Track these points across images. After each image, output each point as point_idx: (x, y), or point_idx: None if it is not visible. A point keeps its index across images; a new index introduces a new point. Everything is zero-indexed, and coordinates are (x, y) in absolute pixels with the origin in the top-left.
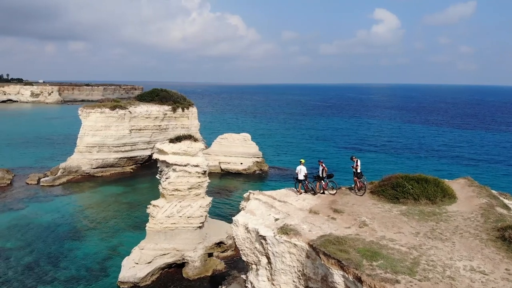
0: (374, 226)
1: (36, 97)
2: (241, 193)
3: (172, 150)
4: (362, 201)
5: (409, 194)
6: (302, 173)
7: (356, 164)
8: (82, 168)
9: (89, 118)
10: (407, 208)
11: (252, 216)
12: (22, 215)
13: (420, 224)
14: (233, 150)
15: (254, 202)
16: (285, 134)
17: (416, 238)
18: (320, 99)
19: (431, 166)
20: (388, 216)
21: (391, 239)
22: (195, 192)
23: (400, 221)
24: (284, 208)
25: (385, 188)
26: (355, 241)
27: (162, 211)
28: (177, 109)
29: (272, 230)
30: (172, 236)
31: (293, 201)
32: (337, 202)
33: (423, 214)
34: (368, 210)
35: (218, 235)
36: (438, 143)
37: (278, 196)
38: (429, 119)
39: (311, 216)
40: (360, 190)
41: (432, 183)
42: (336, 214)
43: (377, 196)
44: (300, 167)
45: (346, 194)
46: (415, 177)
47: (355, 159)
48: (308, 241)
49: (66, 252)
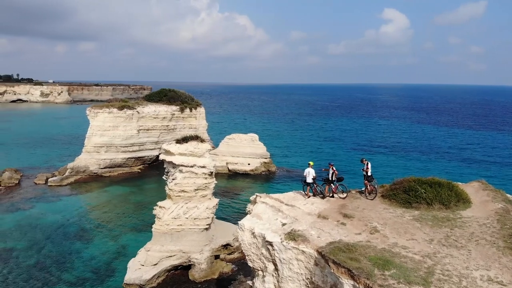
0: (386, 232)
1: (45, 97)
2: (249, 194)
3: (178, 151)
4: (373, 205)
5: (422, 198)
6: (311, 176)
7: (367, 166)
8: (90, 168)
9: (97, 118)
10: (420, 213)
11: (258, 221)
12: (29, 215)
13: (434, 231)
14: (240, 151)
15: (261, 205)
16: (293, 134)
17: (430, 245)
18: (329, 99)
19: (441, 168)
20: (400, 221)
21: (404, 246)
22: (201, 194)
23: (412, 227)
24: (291, 213)
25: (396, 192)
26: (366, 249)
27: (168, 213)
28: (185, 109)
29: (279, 235)
30: (179, 238)
31: (301, 205)
32: (347, 207)
33: (437, 219)
34: (379, 215)
35: (225, 237)
36: (448, 144)
37: (286, 200)
38: (438, 119)
39: (319, 221)
40: (370, 194)
41: (446, 187)
42: (346, 219)
43: (388, 201)
44: (308, 169)
45: (356, 198)
46: (428, 181)
47: (365, 161)
48: (317, 248)
49: (73, 252)
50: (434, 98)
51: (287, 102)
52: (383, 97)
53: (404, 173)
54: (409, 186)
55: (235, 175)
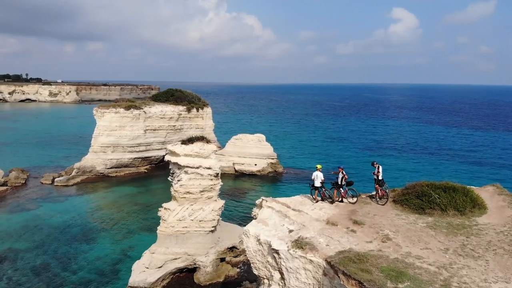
0: (399, 241)
1: (54, 97)
2: (255, 195)
3: (184, 152)
4: (384, 211)
5: (436, 204)
6: (319, 180)
7: (378, 170)
8: (96, 168)
9: (104, 118)
10: (433, 219)
11: (264, 227)
12: (35, 216)
13: (449, 239)
14: (247, 151)
15: (267, 210)
16: (300, 135)
17: (446, 255)
18: (336, 99)
19: (451, 170)
20: (413, 229)
21: (418, 256)
22: (207, 195)
23: (426, 235)
24: (299, 218)
25: (409, 197)
26: (378, 259)
27: (173, 214)
28: (191, 109)
29: (286, 243)
30: (184, 240)
31: (309, 210)
32: (357, 212)
33: (452, 227)
34: (391, 221)
35: (231, 240)
36: (458, 145)
37: (293, 204)
38: (447, 120)
39: (328, 228)
40: (381, 199)
41: (461, 192)
42: (356, 226)
43: (400, 206)
44: (316, 173)
45: (366, 203)
46: (441, 185)
47: (376, 165)
48: (326, 257)
49: (78, 254)
50: (443, 98)
51: (295, 102)
52: (392, 97)
53: (414, 175)
54: (422, 191)
55: (241, 176)
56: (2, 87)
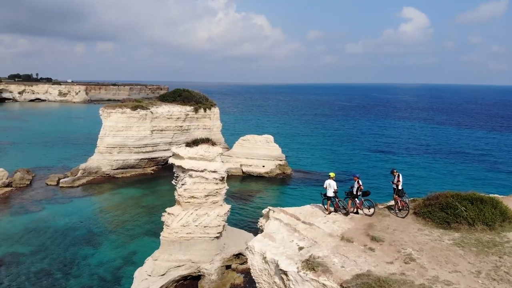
0: (423, 262)
1: (63, 96)
2: (263, 198)
3: (188, 154)
4: (405, 225)
5: (462, 218)
6: (332, 189)
7: (397, 179)
8: (102, 169)
9: (110, 118)
10: (460, 236)
11: (271, 242)
12: (38, 218)
13: (480, 259)
14: (255, 152)
15: (274, 223)
16: (309, 136)
17: (478, 280)
18: (346, 99)
19: (466, 173)
20: (439, 247)
21: (447, 281)
22: (212, 200)
23: (454, 254)
24: (310, 233)
25: (432, 209)
26: (402, 285)
27: (177, 220)
28: (199, 110)
29: (295, 263)
30: (188, 247)
31: (321, 223)
32: (375, 227)
33: (482, 244)
34: (414, 238)
35: (237, 246)
36: (472, 147)
37: (303, 216)
38: (460, 121)
39: (343, 245)
40: (401, 211)
41: (489, 204)
42: (374, 244)
43: (422, 219)
44: (329, 181)
45: (384, 215)
46: (468, 196)
47: (396, 173)
48: (341, 282)
49: (80, 258)
50: (454, 99)
51: (303, 102)
52: (402, 97)
53: (428, 180)
54: (446, 203)
55: (249, 178)
56: (12, 86)
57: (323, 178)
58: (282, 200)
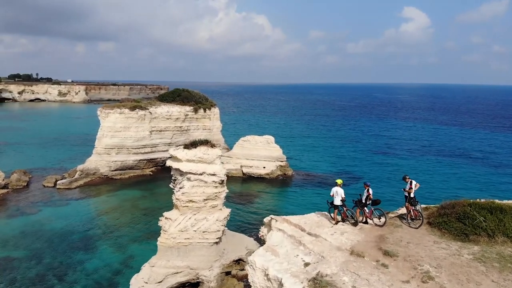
0: (443, 281)
1: (63, 96)
2: (264, 200)
3: (186, 157)
4: (420, 237)
5: (481, 229)
6: (339, 197)
7: (410, 186)
8: (100, 170)
9: (108, 118)
10: (480, 249)
11: (273, 257)
12: (34, 221)
13: (505, 277)
14: (255, 153)
15: (277, 235)
16: (310, 136)
17: None
18: (347, 99)
19: (471, 175)
20: (458, 262)
21: None
22: (211, 204)
23: (476, 271)
24: (316, 247)
25: (448, 219)
26: None
27: (175, 225)
28: (198, 110)
29: (301, 282)
30: (186, 253)
31: (328, 235)
32: (387, 239)
33: (504, 259)
34: (430, 252)
35: (237, 252)
36: (475, 148)
37: (308, 226)
38: (463, 121)
39: (353, 260)
40: (414, 221)
41: (510, 214)
42: (387, 259)
43: (437, 230)
44: (336, 189)
45: (396, 226)
46: (486, 205)
47: (409, 179)
48: None
49: (76, 264)
50: (456, 99)
51: (304, 102)
52: (404, 97)
53: (431, 182)
54: (464, 212)
55: (249, 179)
56: (11, 86)
57: (324, 179)
58: (284, 202)
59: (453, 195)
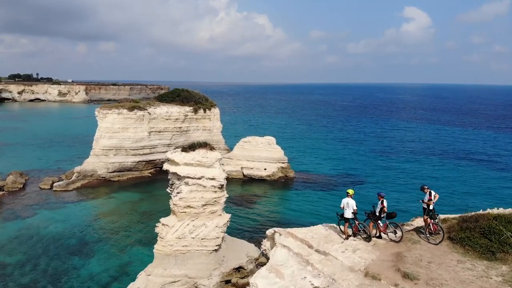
0: None
1: (63, 96)
2: (265, 204)
3: (184, 160)
4: (441, 255)
5: (509, 245)
6: (351, 209)
7: (429, 197)
8: (97, 172)
9: (106, 119)
10: (509, 269)
11: (278, 280)
12: (29, 225)
13: None
14: (256, 155)
15: (281, 252)
16: (312, 137)
17: None
18: (348, 99)
19: (480, 179)
20: (487, 287)
21: None
22: (210, 209)
23: None
24: (326, 267)
25: (471, 234)
26: None
27: (172, 232)
28: (198, 110)
29: None
30: (184, 261)
31: (339, 253)
32: (405, 258)
33: None
34: (455, 274)
35: (237, 259)
36: (480, 149)
37: (316, 242)
38: (465, 121)
39: (368, 283)
40: (434, 235)
41: None
42: (407, 282)
43: (460, 247)
44: (347, 200)
45: (414, 241)
46: None
47: (427, 189)
48: None
49: (70, 270)
50: (457, 99)
51: (305, 102)
52: (405, 97)
53: (436, 186)
54: (488, 227)
55: (250, 181)
56: (11, 86)
57: (327, 181)
58: (285, 205)
59: (461, 202)
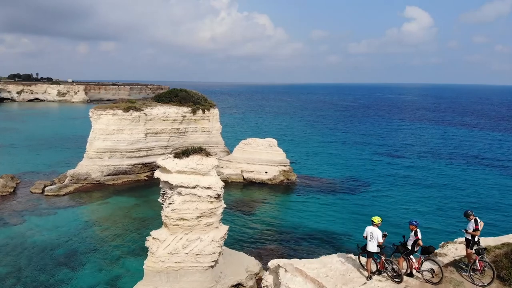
0: None
1: (62, 96)
2: (266, 211)
3: (176, 167)
4: None
5: None
6: (375, 241)
7: (476, 226)
8: (91, 175)
9: (100, 120)
10: None
11: None
12: (16, 233)
13: None
14: (257, 157)
15: None
16: (314, 139)
17: None
18: (350, 99)
19: (491, 183)
20: None
21: None
22: (206, 222)
23: None
24: None
25: None
26: None
27: (163, 246)
28: (197, 111)
29: None
30: (176, 278)
31: None
32: None
33: None
34: None
35: (236, 275)
36: (487, 152)
37: (332, 284)
38: (469, 122)
39: None
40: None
41: None
42: None
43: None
44: (370, 229)
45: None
46: None
47: (473, 217)
48: None
49: (57, 283)
50: (459, 99)
51: (307, 103)
52: (407, 97)
53: (445, 197)
54: None
55: (250, 185)
56: (10, 86)
57: (330, 185)
58: (288, 212)
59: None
